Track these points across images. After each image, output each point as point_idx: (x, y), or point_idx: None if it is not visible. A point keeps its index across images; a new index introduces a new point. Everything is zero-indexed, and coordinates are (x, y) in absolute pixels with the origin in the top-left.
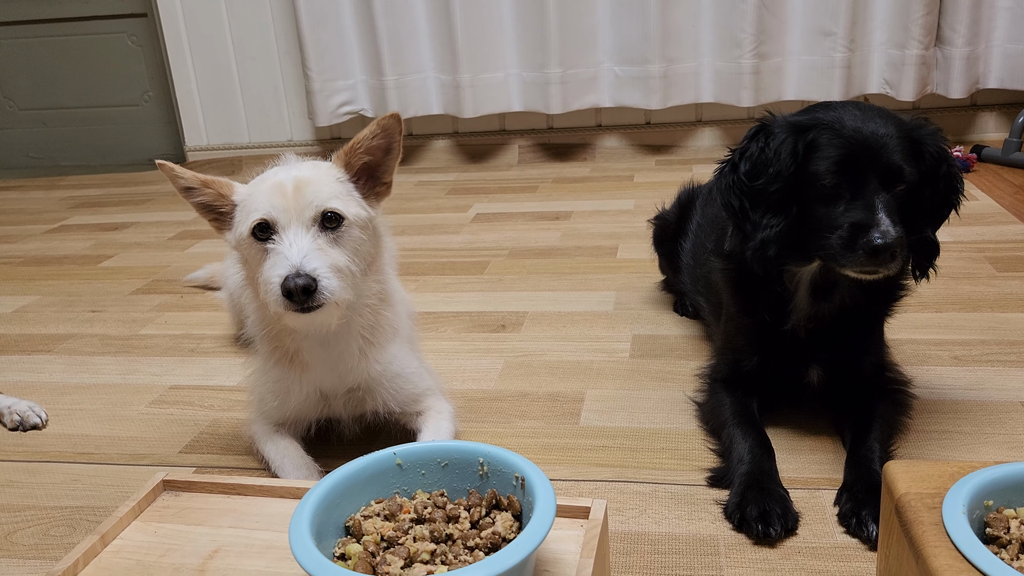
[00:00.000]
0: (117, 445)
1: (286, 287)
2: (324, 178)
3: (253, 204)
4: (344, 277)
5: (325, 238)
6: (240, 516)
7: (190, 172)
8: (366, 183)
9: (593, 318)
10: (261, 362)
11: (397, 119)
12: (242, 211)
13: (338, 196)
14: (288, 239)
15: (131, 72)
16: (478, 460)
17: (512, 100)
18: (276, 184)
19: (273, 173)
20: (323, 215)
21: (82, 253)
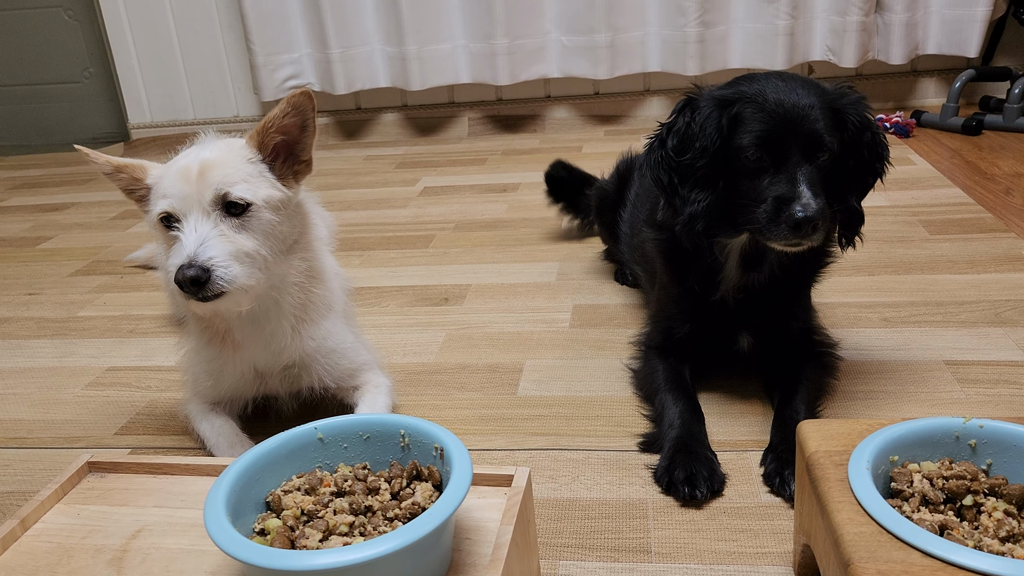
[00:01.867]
0: (51, 429)
1: (177, 278)
2: (232, 160)
3: (161, 190)
4: (253, 262)
5: (229, 224)
6: (165, 495)
7: (104, 157)
8: (284, 162)
9: (536, 289)
10: (194, 342)
11: (308, 96)
12: (154, 195)
13: (246, 179)
14: (189, 227)
15: (70, 48)
16: (399, 432)
17: (460, 72)
18: (182, 169)
19: (185, 155)
20: (226, 201)
21: (19, 235)
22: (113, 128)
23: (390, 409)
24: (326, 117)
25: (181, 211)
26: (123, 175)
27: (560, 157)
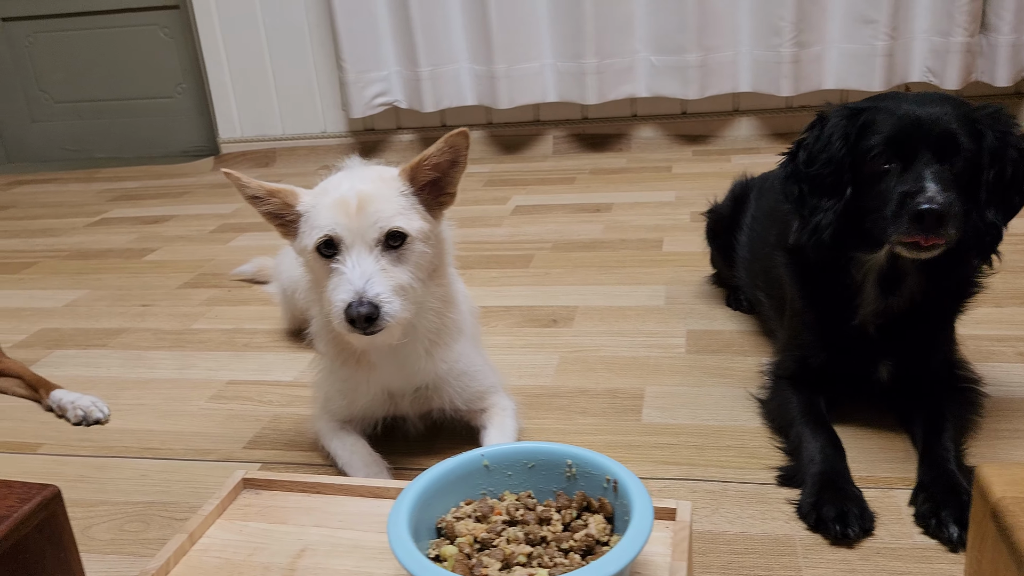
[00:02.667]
0: (181, 440)
1: (349, 315)
2: (388, 193)
3: (317, 219)
4: (407, 294)
5: (388, 258)
6: (323, 515)
7: (256, 182)
8: (430, 193)
9: (645, 313)
10: (327, 361)
11: (465, 136)
12: (306, 223)
13: (402, 212)
14: (352, 261)
15: (164, 64)
16: (565, 462)
17: (547, 90)
18: (340, 200)
19: (336, 183)
20: (387, 235)
21: (126, 246)
22: (203, 142)
23: (518, 432)
24: (411, 134)
25: (344, 242)
26: (275, 199)
27: (655, 177)
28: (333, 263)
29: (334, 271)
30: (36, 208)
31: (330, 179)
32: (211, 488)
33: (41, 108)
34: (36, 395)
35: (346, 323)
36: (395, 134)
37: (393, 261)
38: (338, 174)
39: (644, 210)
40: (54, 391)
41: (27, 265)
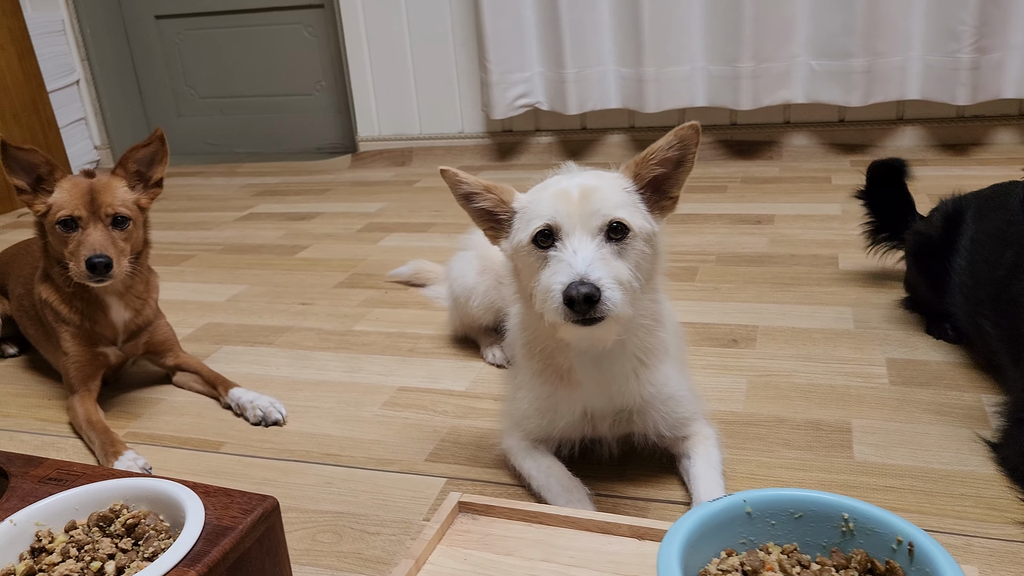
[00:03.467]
0: (360, 448)
1: (568, 294)
2: (611, 187)
3: (535, 210)
4: (625, 291)
5: (609, 248)
6: (551, 549)
7: (473, 177)
8: (651, 196)
9: (834, 336)
10: (527, 377)
11: (696, 130)
12: (522, 218)
13: (624, 206)
14: (572, 246)
15: (306, 62)
16: (841, 515)
17: (696, 95)
18: (561, 191)
19: (555, 181)
20: (609, 225)
21: (277, 242)
22: (339, 140)
23: (722, 464)
24: (550, 136)
25: (563, 230)
26: (491, 195)
27: (813, 188)
28: (551, 251)
29: (551, 259)
30: (185, 200)
31: (547, 180)
32: (398, 500)
33: (187, 103)
34: (214, 392)
35: (563, 307)
36: (533, 136)
37: (614, 253)
38: (555, 176)
39: (809, 223)
40: (232, 389)
41: (185, 258)
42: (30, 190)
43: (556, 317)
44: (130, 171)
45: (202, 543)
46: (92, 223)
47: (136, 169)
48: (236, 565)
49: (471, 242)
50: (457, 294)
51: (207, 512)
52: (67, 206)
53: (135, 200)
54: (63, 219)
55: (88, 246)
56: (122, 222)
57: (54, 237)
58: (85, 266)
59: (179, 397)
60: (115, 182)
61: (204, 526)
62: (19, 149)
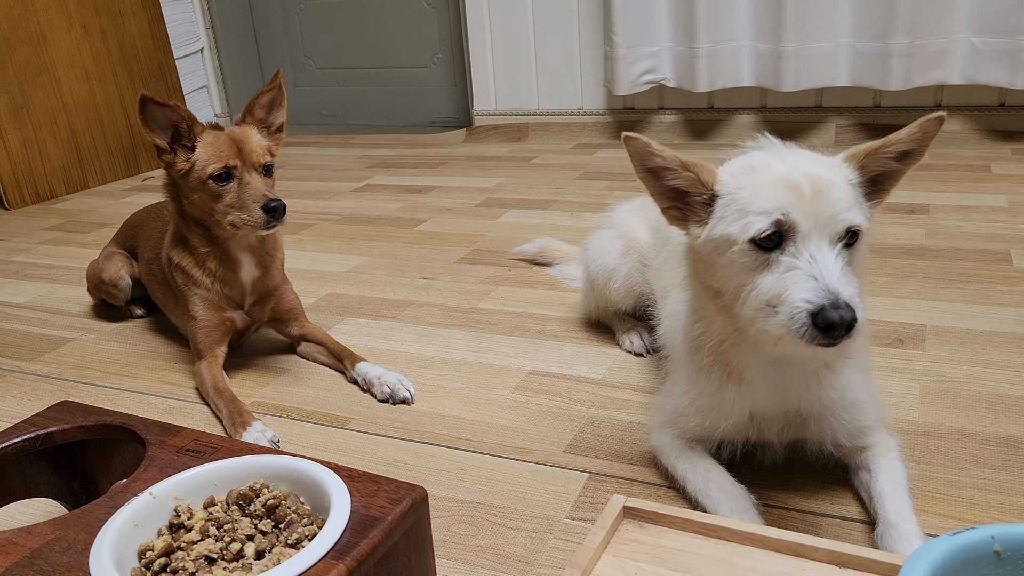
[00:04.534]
0: (493, 434)
1: (827, 319)
2: (842, 182)
3: (753, 201)
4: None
5: (843, 257)
6: (734, 570)
7: (669, 151)
8: (867, 189)
9: (1018, 341)
10: (689, 372)
11: (940, 122)
12: (729, 206)
13: (856, 205)
14: (808, 252)
15: (423, 35)
16: None
17: (838, 74)
18: (787, 181)
19: (764, 163)
20: (846, 231)
21: (395, 214)
22: (453, 113)
23: (908, 481)
24: (674, 115)
25: (798, 231)
26: (689, 174)
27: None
28: (777, 255)
29: (780, 265)
30: (301, 170)
31: (748, 158)
32: (537, 494)
33: (305, 73)
34: (340, 365)
35: (811, 329)
36: (656, 114)
37: (847, 262)
38: (757, 153)
39: (972, 215)
40: (359, 363)
41: (305, 226)
42: (168, 148)
43: (791, 336)
44: (258, 118)
45: (349, 533)
46: (247, 172)
47: (261, 117)
48: (384, 559)
49: (613, 220)
50: (595, 275)
51: (353, 499)
52: (219, 158)
53: (268, 148)
54: (218, 173)
55: (257, 193)
56: (269, 169)
57: (203, 193)
58: (263, 211)
59: (304, 368)
60: (250, 130)
61: (351, 514)
62: (160, 105)
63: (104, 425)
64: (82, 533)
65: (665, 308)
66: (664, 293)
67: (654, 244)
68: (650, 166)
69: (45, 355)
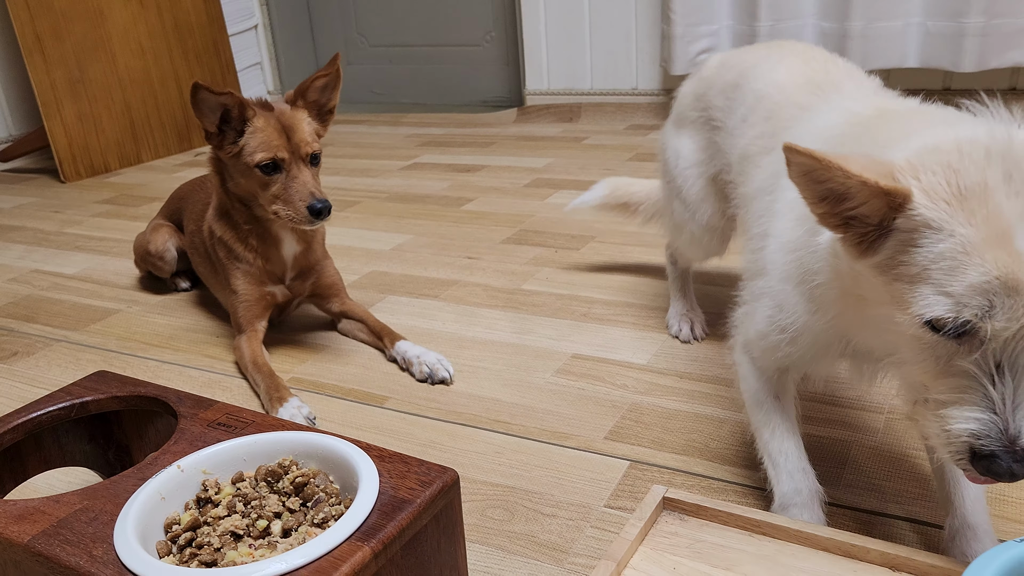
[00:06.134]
0: (532, 417)
1: (990, 469)
2: None
3: (950, 266)
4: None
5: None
6: (780, 570)
7: (848, 167)
8: None
9: None
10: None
11: None
12: (930, 255)
13: None
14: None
15: (477, 13)
16: None
17: (908, 54)
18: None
19: (982, 186)
20: None
21: (442, 193)
22: (505, 93)
23: None
24: None
25: (993, 338)
26: (876, 200)
27: None
28: (960, 356)
29: (954, 368)
30: (351, 148)
31: (957, 158)
32: (575, 480)
33: (357, 51)
34: (379, 343)
35: (970, 463)
36: None
37: None
38: (968, 145)
39: None
40: (399, 342)
41: (351, 204)
42: (218, 131)
43: (947, 455)
44: (310, 100)
45: (377, 515)
46: (295, 164)
47: (313, 99)
48: (412, 543)
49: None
50: (672, 178)
51: (382, 480)
52: (267, 148)
53: (316, 131)
54: (266, 163)
55: (304, 192)
56: (317, 158)
57: (249, 179)
58: (308, 212)
59: (344, 345)
60: (300, 115)
61: (379, 496)
62: (212, 92)
63: (138, 396)
64: (109, 504)
65: (752, 212)
66: (747, 184)
67: (723, 103)
68: (827, 188)
69: (91, 326)
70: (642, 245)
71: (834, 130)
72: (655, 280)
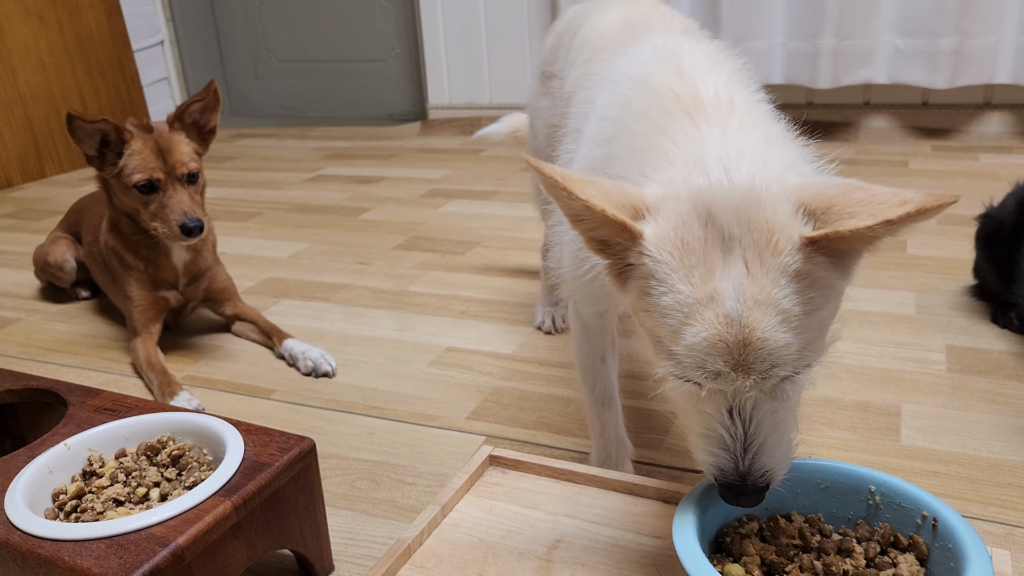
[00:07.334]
0: (404, 403)
1: (730, 493)
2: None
3: (674, 316)
4: None
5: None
6: (576, 506)
7: (591, 193)
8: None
9: (894, 321)
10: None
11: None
12: (652, 283)
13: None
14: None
15: (381, 29)
16: (868, 488)
17: (773, 72)
18: (713, 333)
19: (700, 239)
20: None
21: (342, 204)
22: (410, 107)
23: None
24: None
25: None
26: (609, 226)
27: (889, 172)
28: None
29: (702, 406)
30: (257, 160)
31: (681, 197)
32: (436, 454)
33: (265, 66)
34: (269, 342)
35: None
36: None
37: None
38: (687, 187)
39: None
40: (286, 340)
41: (253, 215)
42: (98, 156)
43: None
44: (187, 123)
45: (239, 476)
46: (171, 184)
47: (192, 120)
48: (271, 500)
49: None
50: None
51: (247, 449)
52: (144, 170)
53: (195, 151)
54: (142, 183)
55: (177, 211)
56: (194, 177)
57: (130, 197)
58: (180, 231)
59: (236, 345)
60: (177, 137)
61: (243, 461)
62: (86, 121)
63: (31, 389)
64: (0, 478)
65: (562, 150)
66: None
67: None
68: (573, 212)
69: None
70: (522, 249)
71: (640, 68)
72: (531, 280)
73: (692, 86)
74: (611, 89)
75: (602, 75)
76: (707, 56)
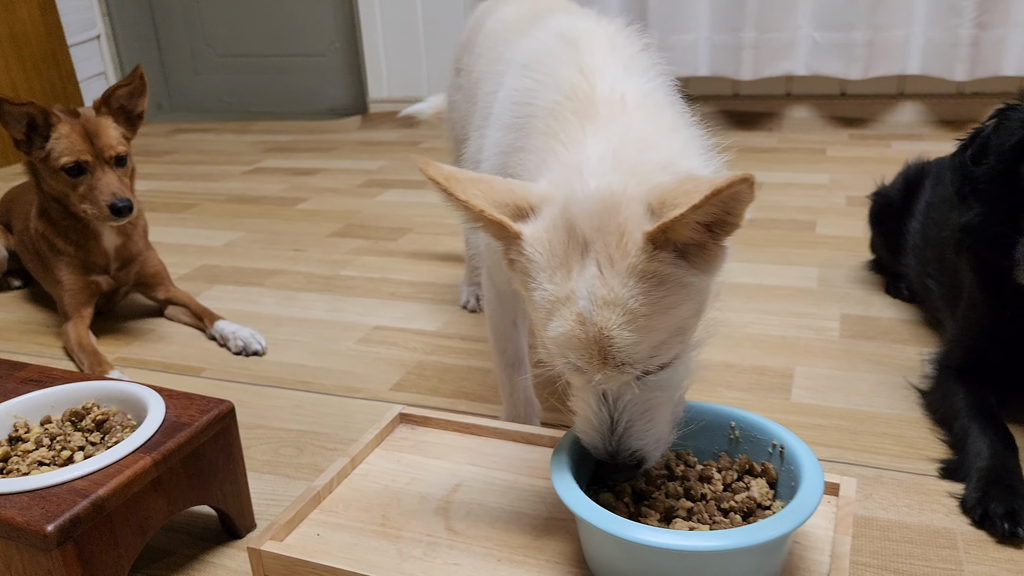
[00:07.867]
0: (332, 377)
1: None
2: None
3: (540, 315)
4: None
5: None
6: (477, 455)
7: (471, 193)
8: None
9: (796, 293)
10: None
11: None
12: (540, 296)
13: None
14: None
15: (320, 23)
16: (729, 423)
17: (699, 64)
18: (565, 324)
19: (563, 242)
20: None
21: (279, 195)
22: (351, 101)
23: None
24: None
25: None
26: (491, 226)
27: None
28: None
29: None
30: (196, 154)
31: (557, 193)
32: (360, 423)
33: (204, 61)
34: (200, 324)
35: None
36: None
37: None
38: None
39: (796, 191)
40: (217, 321)
41: (189, 206)
42: (26, 139)
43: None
44: (114, 108)
45: (160, 435)
46: (99, 167)
47: (119, 105)
48: (191, 457)
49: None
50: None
51: (168, 411)
52: (71, 153)
53: (123, 135)
54: (70, 166)
55: (106, 192)
56: (123, 160)
57: (58, 181)
58: (109, 211)
59: (169, 328)
60: (105, 121)
61: (164, 422)
62: (13, 104)
63: None
64: None
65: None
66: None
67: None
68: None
69: None
70: (453, 235)
71: (545, 52)
72: (459, 264)
73: (590, 83)
74: (520, 73)
75: (509, 57)
76: (608, 40)
